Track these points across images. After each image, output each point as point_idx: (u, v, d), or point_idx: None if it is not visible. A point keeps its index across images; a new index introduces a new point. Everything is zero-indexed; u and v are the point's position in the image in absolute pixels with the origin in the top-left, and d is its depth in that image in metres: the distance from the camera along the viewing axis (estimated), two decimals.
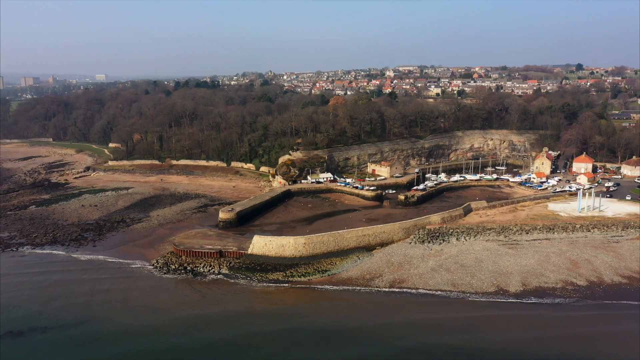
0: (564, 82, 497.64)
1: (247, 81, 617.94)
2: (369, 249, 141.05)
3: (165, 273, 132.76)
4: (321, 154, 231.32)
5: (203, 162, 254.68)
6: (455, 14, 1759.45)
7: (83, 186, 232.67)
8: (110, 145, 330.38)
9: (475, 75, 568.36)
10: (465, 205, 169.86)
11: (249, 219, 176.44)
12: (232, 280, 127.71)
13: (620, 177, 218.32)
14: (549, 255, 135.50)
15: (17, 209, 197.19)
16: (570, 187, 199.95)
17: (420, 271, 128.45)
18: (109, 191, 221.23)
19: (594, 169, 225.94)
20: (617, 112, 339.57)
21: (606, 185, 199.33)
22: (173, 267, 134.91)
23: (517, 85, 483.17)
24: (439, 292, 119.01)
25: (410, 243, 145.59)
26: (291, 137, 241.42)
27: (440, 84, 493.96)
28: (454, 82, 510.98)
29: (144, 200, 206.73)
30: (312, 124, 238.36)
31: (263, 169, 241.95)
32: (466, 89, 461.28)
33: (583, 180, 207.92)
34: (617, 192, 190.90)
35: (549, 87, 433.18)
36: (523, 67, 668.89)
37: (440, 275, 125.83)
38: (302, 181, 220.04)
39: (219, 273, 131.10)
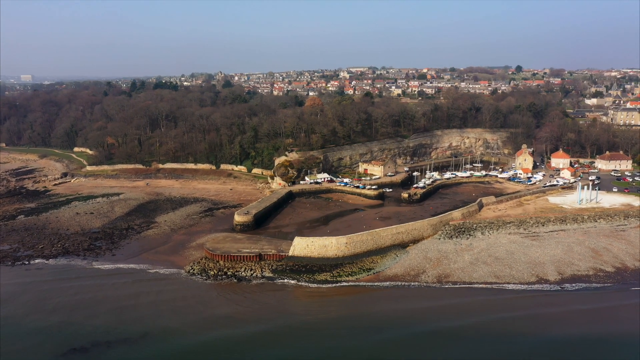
0: (512, 83, 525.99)
1: (200, 82, 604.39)
2: (403, 246, 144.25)
3: (205, 279, 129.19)
4: (317, 155, 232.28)
5: (191, 165, 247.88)
6: (399, 17, 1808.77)
7: (67, 193, 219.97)
8: (76, 149, 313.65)
9: (428, 77, 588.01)
10: (477, 201, 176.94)
11: (263, 222, 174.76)
12: (280, 283, 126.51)
13: (596, 170, 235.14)
14: (571, 245, 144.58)
15: (4, 219, 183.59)
16: (557, 182, 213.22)
17: (461, 265, 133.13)
18: (98, 197, 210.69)
19: (571, 164, 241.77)
20: (571, 110, 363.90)
21: (590, 178, 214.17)
22: (212, 272, 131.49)
23: (471, 85, 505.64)
24: (485, 285, 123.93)
25: (439, 239, 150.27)
26: (284, 138, 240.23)
27: (399, 85, 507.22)
28: (412, 83, 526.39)
29: (141, 206, 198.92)
30: (305, 125, 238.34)
31: (256, 171, 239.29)
32: (425, 89, 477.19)
33: (567, 174, 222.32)
34: (601, 185, 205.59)
35: (503, 88, 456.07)
36: (467, 69, 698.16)
37: (481, 269, 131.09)
38: (301, 182, 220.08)
39: (263, 277, 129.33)
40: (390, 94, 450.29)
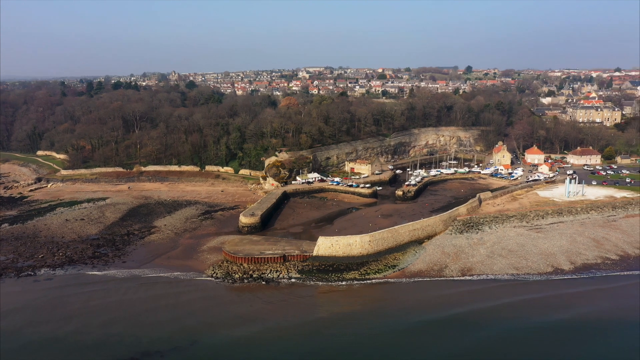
0: (468, 83, 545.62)
1: (155, 82, 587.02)
2: (419, 242, 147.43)
3: (232, 282, 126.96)
4: (306, 155, 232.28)
5: (175, 167, 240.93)
6: (352, 19, 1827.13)
7: (47, 199, 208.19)
8: (40, 153, 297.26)
9: (388, 76, 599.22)
10: (477, 196, 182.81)
11: (267, 223, 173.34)
12: (311, 283, 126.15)
13: (569, 165, 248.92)
14: (573, 236, 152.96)
15: None
16: (539, 176, 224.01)
17: (479, 259, 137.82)
18: (83, 203, 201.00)
19: (545, 160, 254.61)
20: (531, 109, 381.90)
21: (568, 173, 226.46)
22: (237, 275, 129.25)
23: (431, 85, 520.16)
24: (507, 276, 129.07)
25: (451, 234, 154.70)
26: (272, 138, 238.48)
27: (362, 85, 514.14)
28: (374, 82, 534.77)
29: (133, 211, 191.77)
30: (293, 125, 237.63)
31: (243, 172, 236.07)
32: (388, 89, 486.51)
33: (545, 169, 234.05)
34: (579, 179, 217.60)
35: (464, 87, 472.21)
36: (420, 69, 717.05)
37: (499, 261, 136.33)
38: (293, 182, 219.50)
39: (290, 277, 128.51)
40: (354, 93, 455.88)
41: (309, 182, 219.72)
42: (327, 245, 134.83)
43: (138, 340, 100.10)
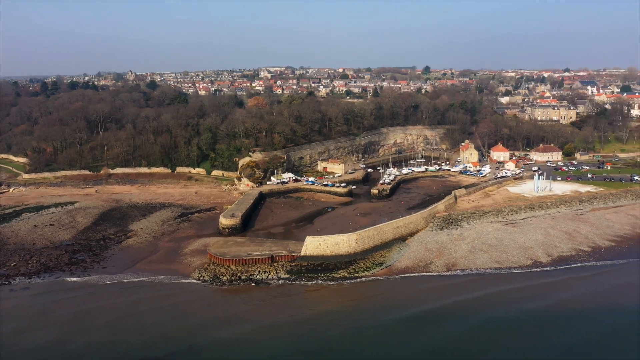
0: (428, 83, 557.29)
1: (112, 82, 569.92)
2: (402, 239, 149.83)
3: (220, 285, 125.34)
4: (280, 155, 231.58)
5: (145, 169, 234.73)
6: (311, 18, 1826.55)
7: (11, 204, 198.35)
8: None
9: (350, 76, 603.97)
10: (452, 193, 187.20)
11: (247, 224, 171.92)
12: (301, 283, 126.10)
13: (533, 162, 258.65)
14: (547, 230, 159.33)
15: None
16: (506, 173, 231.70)
17: (462, 254, 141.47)
18: (51, 207, 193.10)
19: (510, 157, 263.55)
20: (492, 108, 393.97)
21: (533, 169, 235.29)
22: (225, 278, 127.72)
23: (393, 85, 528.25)
24: (490, 270, 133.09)
25: (432, 231, 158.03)
26: (244, 138, 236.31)
27: (325, 85, 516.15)
28: (337, 82, 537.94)
29: (105, 214, 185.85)
30: (266, 125, 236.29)
31: (216, 172, 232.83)
32: (352, 88, 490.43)
33: (511, 166, 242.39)
34: (545, 175, 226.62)
35: (426, 87, 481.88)
36: (380, 69, 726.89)
37: (481, 256, 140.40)
38: (267, 182, 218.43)
39: (280, 278, 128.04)
40: (319, 93, 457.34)
41: (284, 182, 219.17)
42: (314, 245, 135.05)
43: (130, 347, 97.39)
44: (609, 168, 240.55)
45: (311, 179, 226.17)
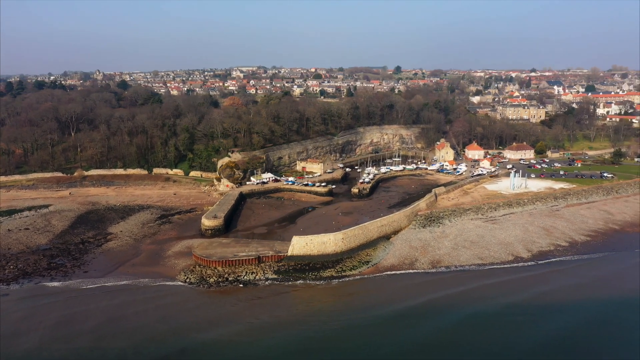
0: (400, 82, 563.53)
1: (80, 82, 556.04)
2: (387, 237, 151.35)
3: (208, 287, 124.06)
4: (259, 155, 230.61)
5: (120, 171, 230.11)
6: (280, 18, 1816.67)
7: None
8: None
9: (323, 76, 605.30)
10: (432, 192, 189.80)
11: (229, 225, 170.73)
12: (289, 283, 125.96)
13: (506, 160, 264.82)
14: (525, 226, 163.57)
15: None
16: (482, 171, 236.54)
17: (445, 251, 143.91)
18: (24, 211, 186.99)
19: (484, 155, 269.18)
20: (465, 107, 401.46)
21: (508, 167, 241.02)
22: (212, 279, 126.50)
23: (366, 85, 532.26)
24: (474, 266, 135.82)
25: (415, 229, 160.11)
26: (223, 139, 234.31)
27: (299, 84, 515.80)
28: (310, 82, 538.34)
29: (82, 217, 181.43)
30: (245, 125, 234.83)
31: (194, 173, 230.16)
32: (325, 88, 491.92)
33: (486, 164, 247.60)
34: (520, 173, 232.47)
35: (399, 87, 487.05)
36: (352, 69, 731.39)
37: (464, 252, 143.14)
38: (247, 183, 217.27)
39: (267, 279, 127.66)
40: (294, 93, 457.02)
41: (263, 183, 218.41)
42: (301, 245, 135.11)
43: (122, 352, 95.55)
44: (579, 165, 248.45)
45: (291, 178, 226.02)
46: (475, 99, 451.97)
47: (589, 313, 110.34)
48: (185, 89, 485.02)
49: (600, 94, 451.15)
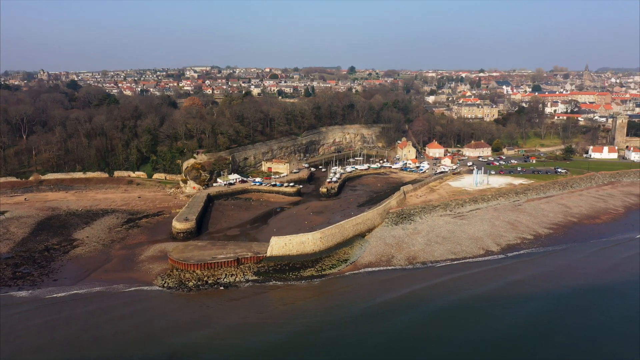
0: (356, 82, 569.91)
1: (24, 82, 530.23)
2: (362, 235, 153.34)
3: (188, 291, 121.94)
4: (225, 156, 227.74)
5: (80, 175, 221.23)
6: (232, 17, 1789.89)
7: None
8: None
9: (279, 76, 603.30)
10: (400, 190, 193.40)
11: (200, 227, 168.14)
12: (271, 284, 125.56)
13: (466, 158, 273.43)
14: (492, 221, 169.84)
15: None
16: (444, 169, 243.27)
17: (419, 247, 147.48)
18: None
19: (444, 154, 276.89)
20: (423, 106, 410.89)
21: (468, 164, 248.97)
22: (191, 283, 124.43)
23: (323, 84, 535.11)
24: (448, 261, 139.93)
25: (388, 226, 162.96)
26: (187, 140, 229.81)
27: (257, 84, 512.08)
28: (267, 82, 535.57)
29: (43, 223, 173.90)
30: (209, 126, 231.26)
31: (158, 176, 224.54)
32: (283, 88, 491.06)
33: (447, 162, 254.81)
34: (479, 169, 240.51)
35: (356, 87, 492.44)
36: (307, 69, 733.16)
37: (437, 248, 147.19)
38: (214, 184, 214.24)
39: (248, 280, 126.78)
40: (250, 92, 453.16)
41: (230, 184, 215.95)
42: (280, 245, 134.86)
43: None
44: (534, 162, 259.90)
45: (258, 179, 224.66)
46: (430, 99, 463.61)
47: (555, 299, 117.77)
48: (139, 89, 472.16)
49: (546, 93, 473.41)
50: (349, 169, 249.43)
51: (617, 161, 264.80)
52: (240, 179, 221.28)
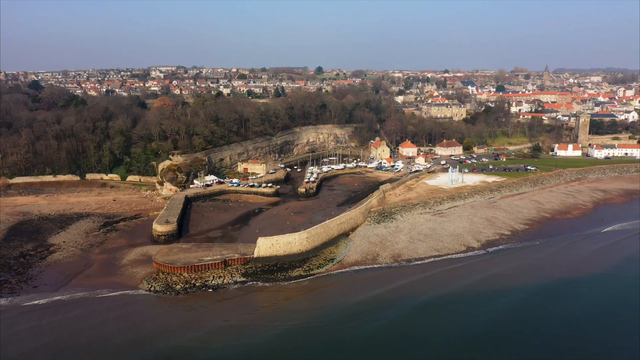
0: (325, 83, 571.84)
1: None
2: (346, 234, 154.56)
3: (176, 294, 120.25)
4: (201, 157, 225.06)
5: (50, 178, 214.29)
6: (199, 17, 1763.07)
7: None
8: None
9: (248, 76, 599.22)
10: (379, 189, 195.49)
11: (181, 230, 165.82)
12: (260, 285, 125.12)
13: (438, 156, 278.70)
14: (470, 218, 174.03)
15: None
16: (419, 167, 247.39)
17: (403, 245, 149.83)
18: None
19: (418, 152, 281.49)
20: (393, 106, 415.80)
21: (441, 163, 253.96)
22: (179, 286, 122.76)
23: (292, 85, 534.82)
24: (432, 258, 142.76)
25: (370, 225, 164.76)
26: (162, 141, 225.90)
27: (224, 84, 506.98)
28: (236, 82, 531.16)
29: (15, 229, 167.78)
30: (185, 127, 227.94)
31: (132, 178, 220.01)
32: (252, 89, 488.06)
33: (421, 161, 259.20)
34: (452, 168, 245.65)
35: (326, 87, 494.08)
36: (275, 69, 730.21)
37: (420, 245, 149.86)
38: (191, 186, 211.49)
39: (236, 282, 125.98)
40: (221, 93, 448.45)
41: (208, 185, 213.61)
42: (267, 246, 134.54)
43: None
44: (504, 160, 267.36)
45: (235, 180, 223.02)
46: (399, 99, 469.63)
47: (534, 290, 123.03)
48: (104, 89, 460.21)
49: (510, 93, 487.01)
50: (325, 168, 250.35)
51: (581, 158, 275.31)
52: (217, 180, 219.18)
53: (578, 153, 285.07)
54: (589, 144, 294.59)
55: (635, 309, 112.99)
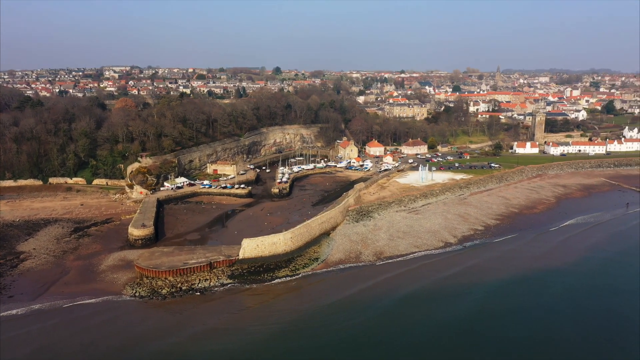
0: (285, 83, 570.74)
1: None
2: (327, 234, 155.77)
3: (162, 299, 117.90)
4: (171, 159, 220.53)
5: (10, 183, 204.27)
6: (149, 16, 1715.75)
7: None
8: None
9: (206, 76, 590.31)
10: (354, 188, 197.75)
11: (158, 233, 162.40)
12: (247, 286, 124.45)
13: (405, 155, 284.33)
14: (444, 214, 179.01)
15: None
16: (388, 166, 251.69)
17: (384, 243, 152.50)
18: None
19: (384, 152, 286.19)
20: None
21: (409, 162, 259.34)
22: (165, 291, 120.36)
23: (252, 85, 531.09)
24: (412, 255, 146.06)
25: (350, 223, 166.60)
26: (128, 143, 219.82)
27: (184, 85, 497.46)
28: (195, 82, 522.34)
29: None
30: (153, 128, 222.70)
31: (98, 181, 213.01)
32: (213, 89, 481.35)
33: (389, 160, 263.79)
34: (420, 166, 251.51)
35: (288, 88, 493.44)
36: (233, 69, 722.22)
37: (400, 242, 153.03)
38: (161, 188, 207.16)
39: (223, 284, 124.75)
40: (185, 93, 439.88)
41: (179, 187, 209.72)
42: (252, 247, 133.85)
43: None
44: (468, 157, 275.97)
45: (206, 182, 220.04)
46: (361, 99, 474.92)
47: (506, 279, 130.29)
48: (57, 90, 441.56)
49: (466, 93, 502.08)
50: (296, 169, 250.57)
51: (539, 155, 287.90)
52: (188, 182, 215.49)
53: (535, 150, 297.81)
54: (545, 142, 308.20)
55: (601, 292, 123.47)
